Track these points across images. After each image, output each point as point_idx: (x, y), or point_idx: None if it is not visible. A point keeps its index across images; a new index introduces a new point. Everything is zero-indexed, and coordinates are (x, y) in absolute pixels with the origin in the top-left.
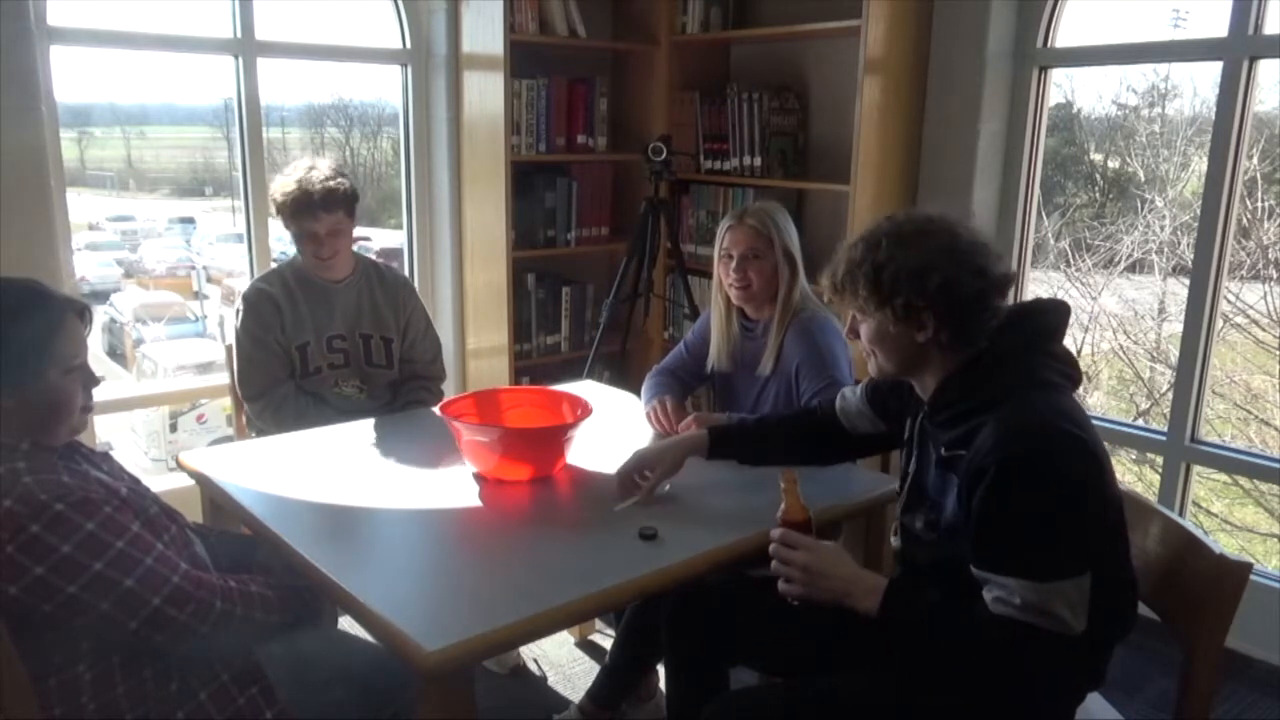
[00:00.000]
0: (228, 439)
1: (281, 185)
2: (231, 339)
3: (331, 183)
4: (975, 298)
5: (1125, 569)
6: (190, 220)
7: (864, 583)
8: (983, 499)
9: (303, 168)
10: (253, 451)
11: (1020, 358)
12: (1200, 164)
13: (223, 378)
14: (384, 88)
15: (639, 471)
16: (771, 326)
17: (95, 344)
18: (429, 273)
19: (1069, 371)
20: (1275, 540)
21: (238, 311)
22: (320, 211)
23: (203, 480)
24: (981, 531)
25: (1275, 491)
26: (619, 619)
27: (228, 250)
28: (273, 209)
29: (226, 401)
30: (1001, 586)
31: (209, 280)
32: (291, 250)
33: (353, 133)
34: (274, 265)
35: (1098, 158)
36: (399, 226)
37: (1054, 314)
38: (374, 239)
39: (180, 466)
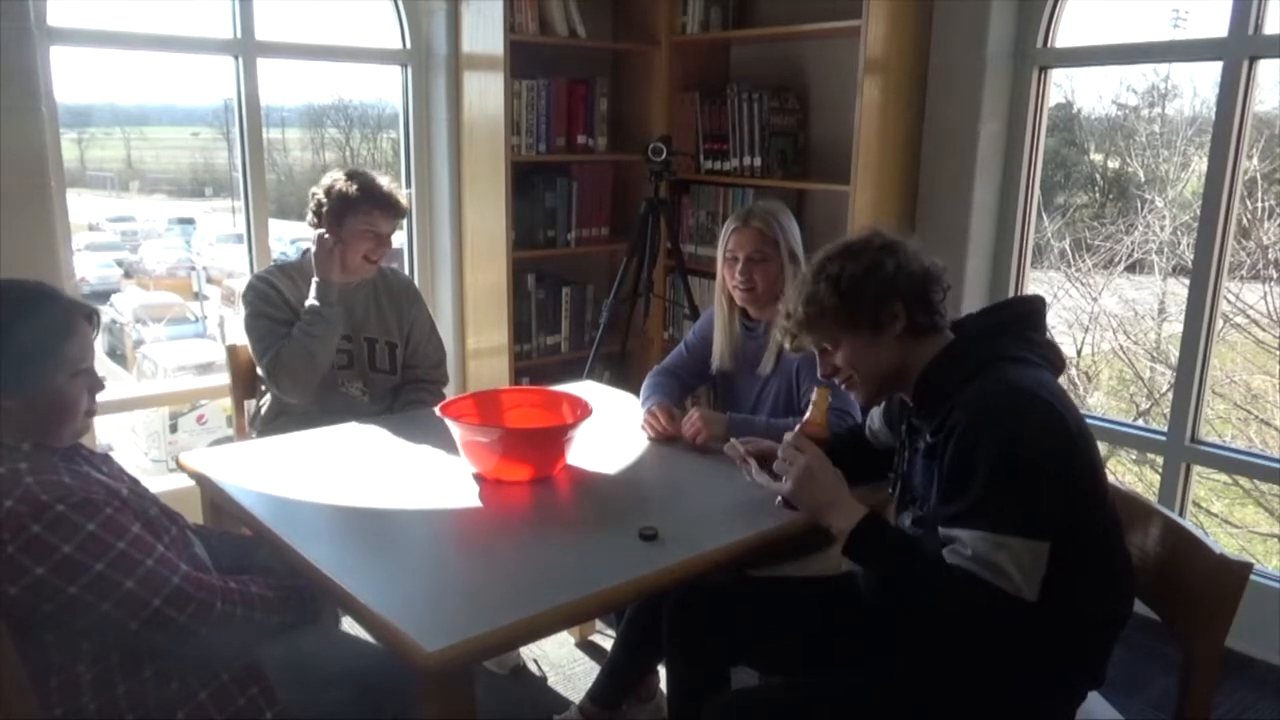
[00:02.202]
0: (228, 440)
1: (348, 181)
2: (233, 340)
3: (398, 194)
4: (926, 274)
5: (1115, 556)
6: (190, 221)
7: (848, 504)
8: (950, 456)
9: (370, 172)
10: (253, 452)
11: (994, 339)
12: (1200, 164)
13: (223, 378)
14: (384, 88)
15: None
16: (773, 326)
17: (96, 345)
18: (429, 273)
19: (1049, 355)
20: (1275, 540)
21: (244, 298)
22: (394, 212)
23: (203, 481)
24: (946, 488)
25: (1275, 491)
26: (620, 619)
27: (228, 251)
28: (322, 200)
29: (227, 402)
30: (958, 540)
31: (209, 281)
32: (290, 252)
33: (353, 133)
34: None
35: (1098, 158)
36: (399, 227)
37: (1030, 303)
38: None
39: (180, 467)
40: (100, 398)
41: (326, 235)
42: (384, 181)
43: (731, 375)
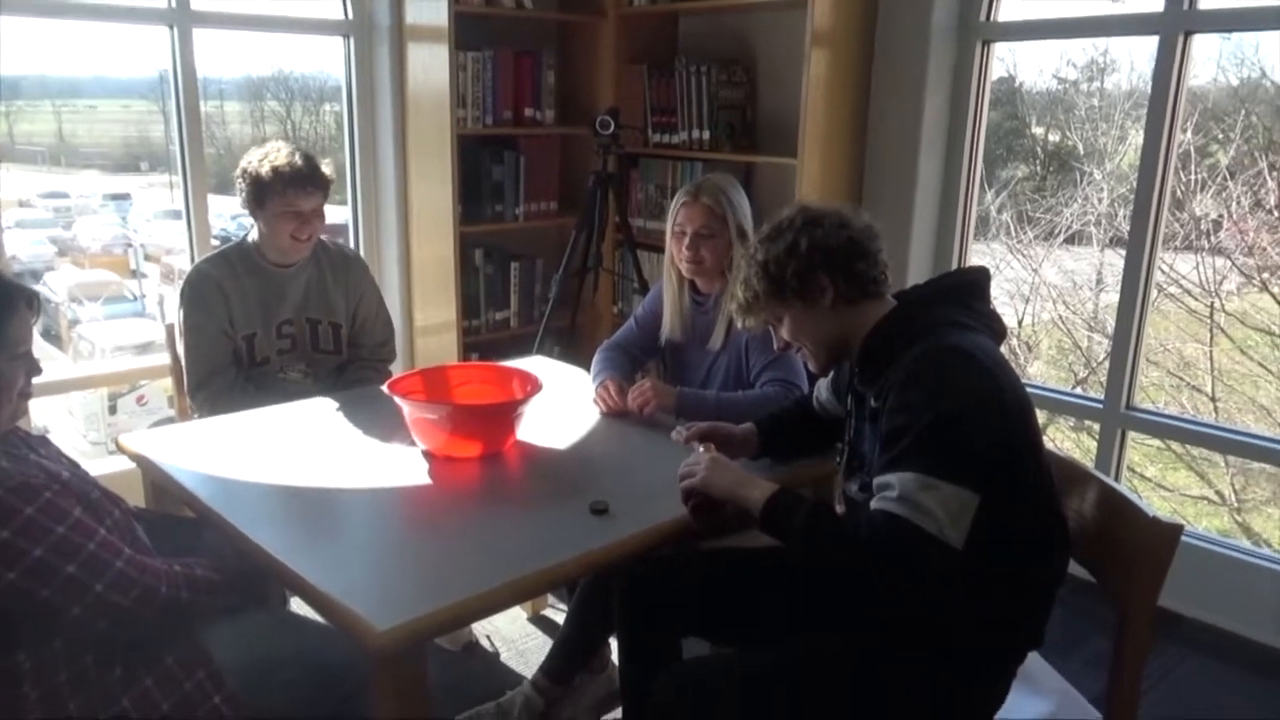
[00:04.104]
0: (169, 421)
1: (261, 160)
2: (172, 319)
3: (315, 165)
4: (847, 245)
5: (1050, 518)
6: (126, 196)
7: (760, 481)
8: (888, 411)
9: (283, 149)
10: (195, 433)
11: (935, 306)
12: (1137, 137)
13: (163, 358)
14: (326, 60)
15: (708, 437)
16: (722, 300)
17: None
18: (375, 248)
19: (991, 324)
20: (1206, 502)
21: (181, 295)
22: (312, 187)
23: (144, 463)
24: (883, 442)
25: (1206, 455)
26: (571, 593)
27: (166, 227)
28: (241, 185)
29: (167, 383)
30: (888, 485)
31: (147, 258)
32: (231, 228)
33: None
34: (216, 246)
35: (1039, 131)
36: (343, 202)
37: (974, 273)
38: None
39: (120, 450)
40: (36, 380)
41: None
42: (299, 156)
43: (681, 348)
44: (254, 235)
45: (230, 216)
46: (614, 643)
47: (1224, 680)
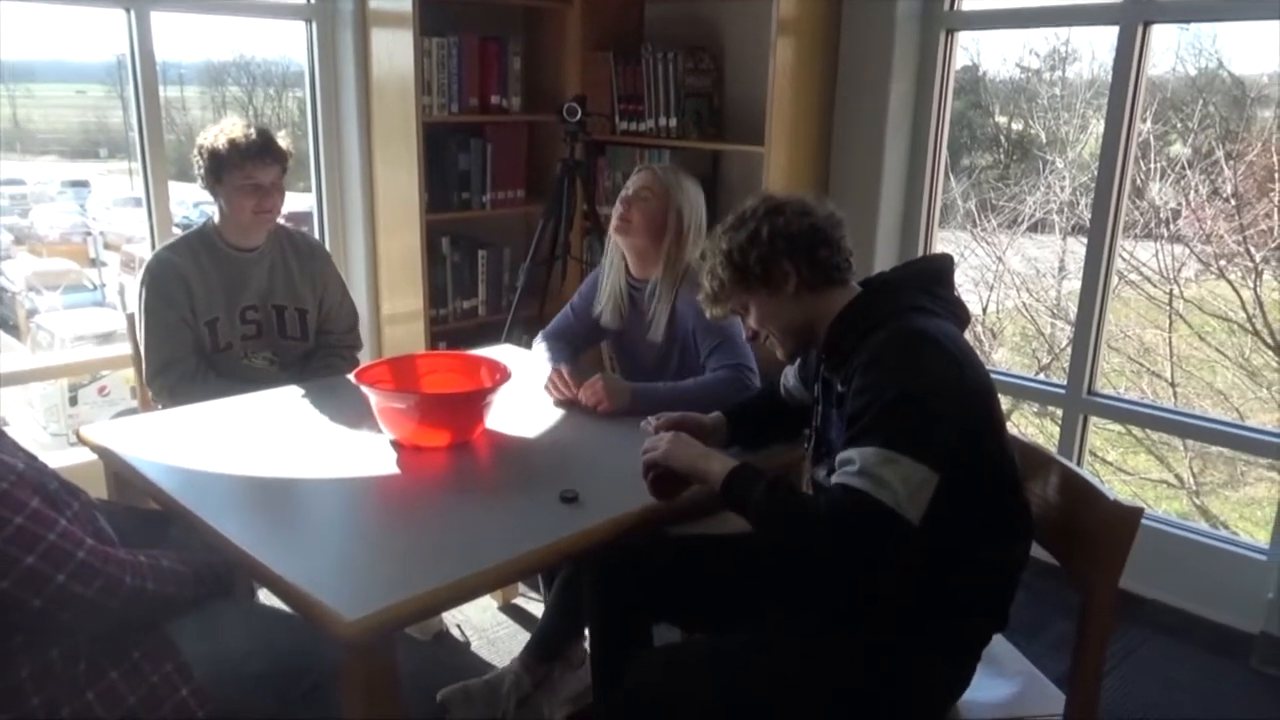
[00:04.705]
0: (132, 412)
1: (217, 135)
2: (133, 308)
3: (274, 138)
4: (809, 231)
5: (1013, 501)
6: (84, 184)
7: (721, 456)
8: (852, 393)
9: (238, 124)
10: (159, 424)
11: (900, 293)
12: (1098, 126)
13: (124, 348)
14: (288, 45)
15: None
16: (659, 291)
17: None
18: (340, 237)
19: (955, 310)
20: (1165, 486)
21: (141, 282)
22: (269, 159)
23: (106, 455)
24: (848, 422)
25: (1165, 440)
26: (546, 582)
27: (125, 215)
28: (199, 162)
29: (129, 373)
30: (849, 460)
31: (106, 246)
32: (193, 215)
33: (256, 92)
34: (178, 232)
35: (1002, 120)
36: (307, 189)
37: (939, 260)
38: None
39: (81, 441)
40: None
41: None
42: (254, 129)
43: (621, 336)
44: (215, 218)
45: (192, 204)
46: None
47: (1184, 660)
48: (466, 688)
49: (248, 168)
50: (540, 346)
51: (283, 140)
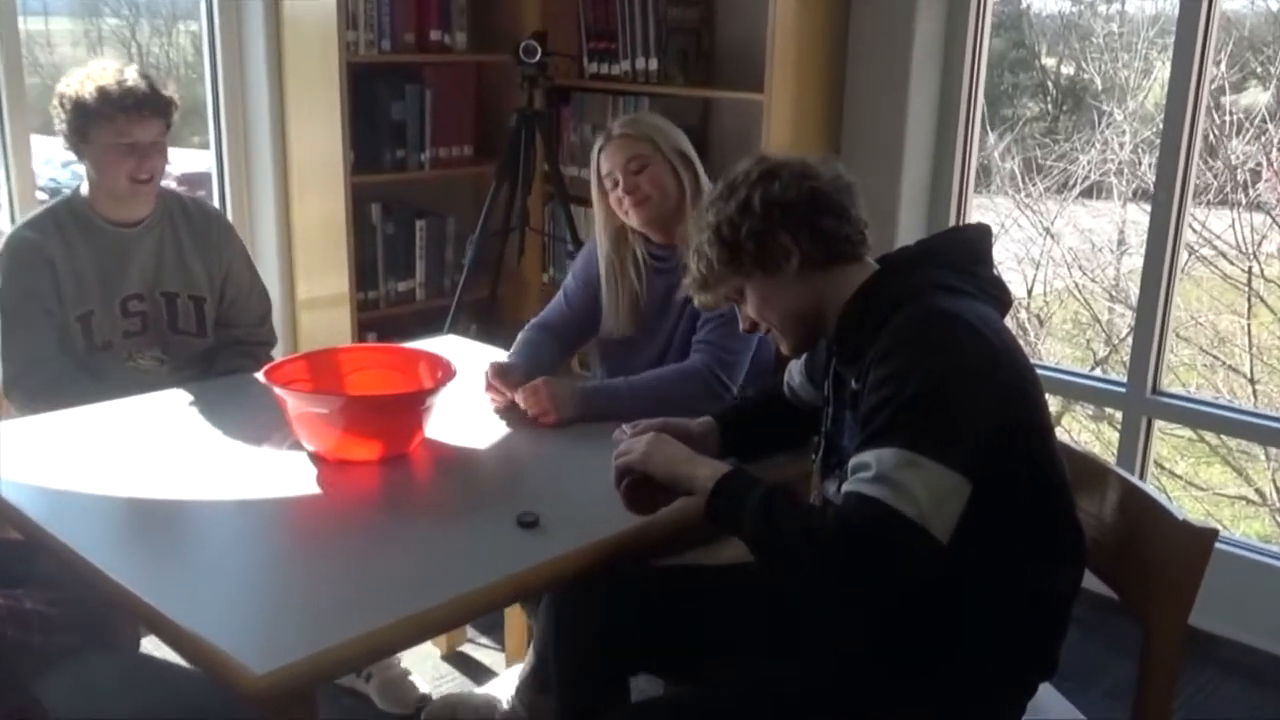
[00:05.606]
0: None
1: (84, 80)
2: None
3: (152, 83)
4: (810, 198)
5: (1061, 519)
6: None
7: (709, 460)
8: (869, 386)
9: (110, 68)
10: (21, 435)
11: (925, 269)
12: (1163, 70)
13: None
14: None
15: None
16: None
17: None
18: (244, 204)
19: (993, 291)
20: (1244, 503)
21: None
22: (147, 112)
23: None
24: (863, 421)
25: (1244, 448)
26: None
27: None
28: (60, 115)
29: None
30: (864, 464)
31: None
32: (63, 178)
33: (140, 25)
34: (43, 201)
35: (1050, 62)
36: (204, 145)
37: (973, 231)
38: (172, 161)
39: None
40: None
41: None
42: (130, 74)
43: (632, 340)
44: (84, 187)
45: (61, 164)
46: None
47: (1265, 709)
48: (465, 697)
49: (120, 122)
50: (516, 340)
51: (169, 89)
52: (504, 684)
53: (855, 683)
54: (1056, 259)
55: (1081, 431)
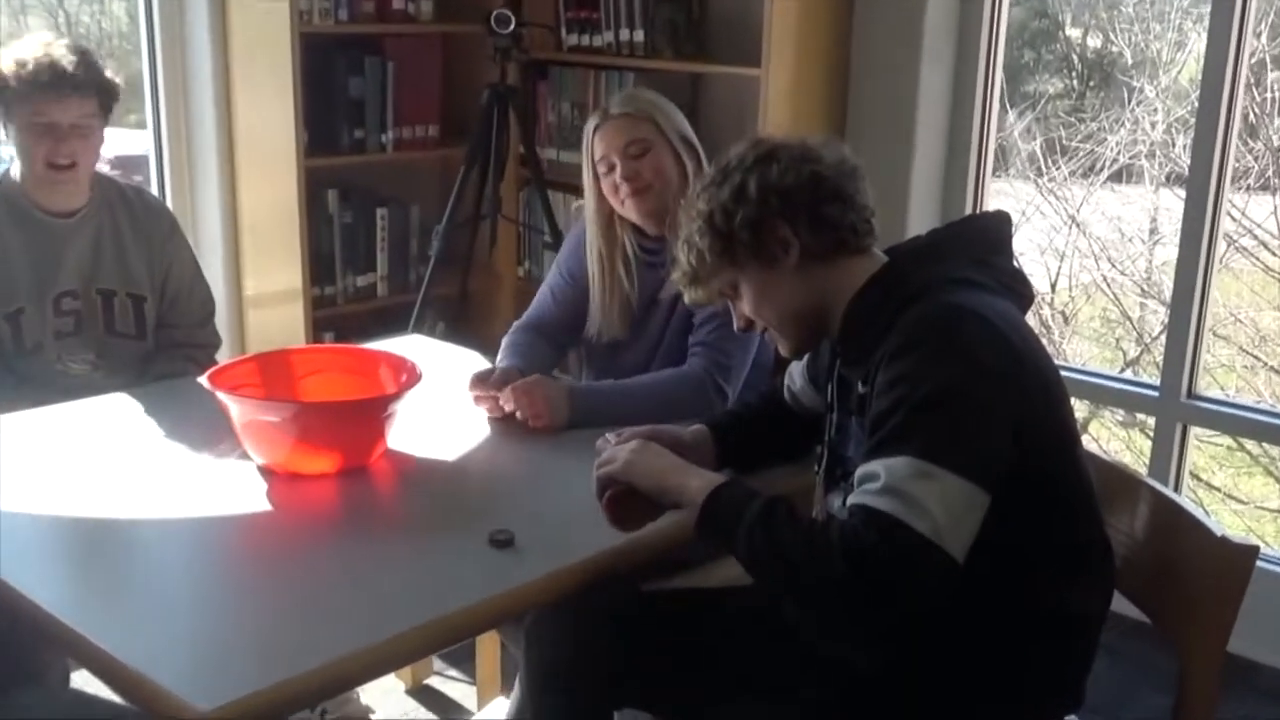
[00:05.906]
0: None
1: (5, 56)
2: None
3: (86, 60)
4: (810, 183)
5: (1087, 535)
6: None
7: (701, 470)
8: (878, 388)
9: (39, 42)
10: None
11: (939, 260)
12: (1199, 43)
13: None
14: None
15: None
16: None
17: None
18: (186, 190)
19: (1013, 284)
20: None
21: None
22: (69, 90)
23: None
24: (871, 426)
25: None
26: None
27: None
28: None
29: None
30: (872, 475)
31: None
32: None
33: None
34: None
35: (1075, 33)
36: (140, 125)
37: (990, 219)
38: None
39: None
40: None
41: None
42: (59, 48)
43: (622, 342)
44: (14, 170)
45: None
46: None
47: None
48: None
49: (37, 100)
50: (502, 345)
51: (100, 64)
52: None
53: (861, 717)
54: (1082, 250)
55: (1110, 439)
